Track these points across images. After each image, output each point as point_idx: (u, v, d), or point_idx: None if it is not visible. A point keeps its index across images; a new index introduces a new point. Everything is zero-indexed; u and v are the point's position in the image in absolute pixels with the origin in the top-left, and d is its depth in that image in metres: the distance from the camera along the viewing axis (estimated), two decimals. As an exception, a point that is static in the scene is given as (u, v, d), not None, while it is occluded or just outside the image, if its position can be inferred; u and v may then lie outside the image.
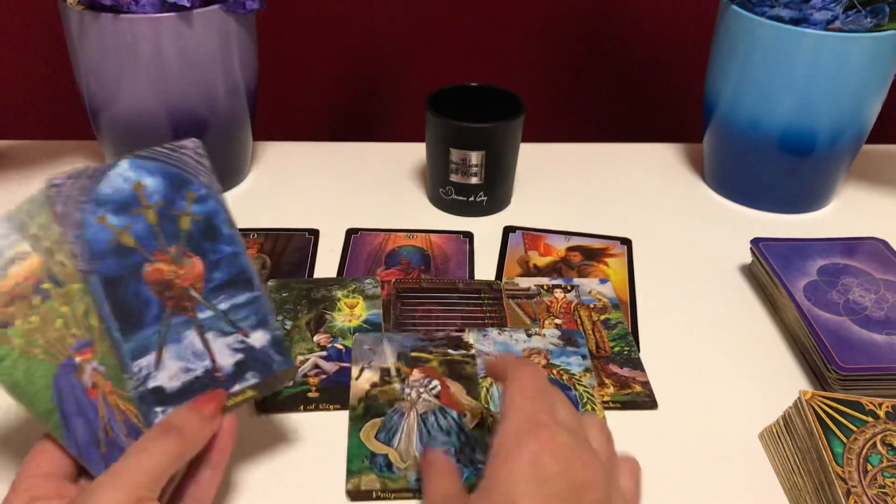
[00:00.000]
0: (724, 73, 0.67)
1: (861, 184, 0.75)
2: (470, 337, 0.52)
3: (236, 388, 0.39)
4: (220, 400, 0.38)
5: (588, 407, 0.48)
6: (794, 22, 0.61)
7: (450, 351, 0.51)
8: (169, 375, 0.38)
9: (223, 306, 0.39)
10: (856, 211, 0.71)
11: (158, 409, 0.37)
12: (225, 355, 0.39)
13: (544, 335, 0.53)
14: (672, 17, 0.92)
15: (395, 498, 0.42)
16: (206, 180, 0.39)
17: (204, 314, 0.39)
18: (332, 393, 0.48)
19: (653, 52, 0.94)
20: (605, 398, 0.49)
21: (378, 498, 0.42)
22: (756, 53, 0.63)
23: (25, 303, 0.35)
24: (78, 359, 0.36)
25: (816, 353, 0.51)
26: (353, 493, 0.42)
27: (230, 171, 0.70)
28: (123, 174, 0.38)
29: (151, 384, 0.37)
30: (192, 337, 0.38)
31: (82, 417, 0.36)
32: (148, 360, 0.37)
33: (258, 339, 0.40)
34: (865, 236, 0.61)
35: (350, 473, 0.43)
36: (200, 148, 0.40)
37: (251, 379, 0.40)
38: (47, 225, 0.36)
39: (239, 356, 0.39)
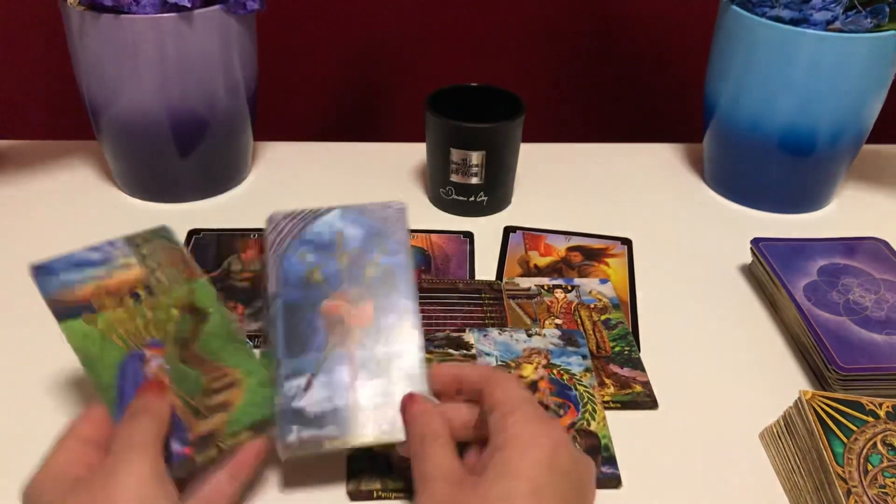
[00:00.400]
0: (724, 74, 0.67)
1: (861, 184, 0.75)
2: (470, 337, 0.52)
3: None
4: (163, 382, 0.40)
5: (588, 407, 0.48)
6: (794, 22, 0.61)
7: (450, 351, 0.51)
8: (313, 401, 0.40)
9: (381, 350, 0.42)
10: (856, 211, 0.71)
11: (293, 428, 0.40)
12: (366, 396, 0.41)
13: (545, 335, 0.53)
14: (672, 18, 0.92)
15: (395, 498, 0.42)
16: (401, 238, 0.45)
17: (363, 352, 0.42)
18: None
19: (653, 52, 0.94)
20: (606, 398, 0.49)
21: (378, 498, 0.42)
22: (756, 54, 0.63)
23: (117, 299, 0.43)
24: (148, 353, 0.41)
25: (816, 353, 0.51)
26: (353, 493, 0.42)
27: (230, 171, 0.70)
28: (331, 222, 0.45)
29: (295, 404, 0.40)
30: (344, 372, 0.41)
31: None
32: (299, 383, 0.41)
33: (400, 391, 0.41)
34: (865, 236, 0.61)
35: (350, 473, 0.43)
36: (405, 210, 0.46)
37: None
38: (157, 250, 0.45)
39: (378, 400, 0.41)
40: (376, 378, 0.41)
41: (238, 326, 0.45)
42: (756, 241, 0.60)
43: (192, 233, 0.64)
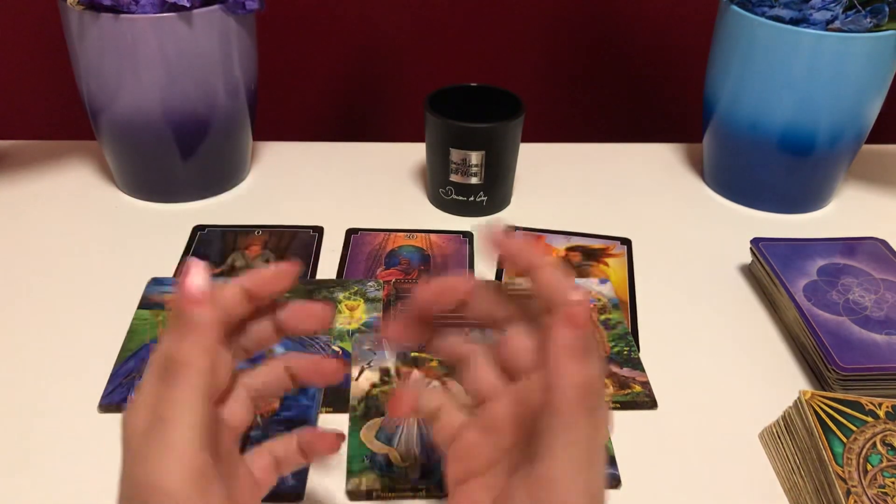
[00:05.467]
0: (724, 73, 0.67)
1: (861, 184, 0.75)
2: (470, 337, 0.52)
3: None
4: (202, 281, 0.30)
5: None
6: (794, 22, 0.61)
7: (450, 351, 0.51)
8: None
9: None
10: (856, 211, 0.71)
11: None
12: None
13: (544, 335, 0.53)
14: (672, 18, 0.92)
15: (395, 498, 0.42)
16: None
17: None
18: (331, 396, 0.48)
19: (653, 52, 0.94)
20: (605, 398, 0.49)
21: (378, 498, 0.42)
22: (756, 53, 0.63)
23: None
24: None
25: (816, 353, 0.51)
26: (353, 493, 0.42)
27: (230, 171, 0.70)
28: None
29: None
30: None
31: None
32: None
33: None
34: (865, 236, 0.61)
35: (350, 473, 0.43)
36: (334, 344, 0.52)
37: None
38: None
39: None
40: None
41: None
42: (756, 241, 0.60)
43: (197, 229, 0.64)
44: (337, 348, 0.52)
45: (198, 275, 0.30)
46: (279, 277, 0.33)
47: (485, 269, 0.61)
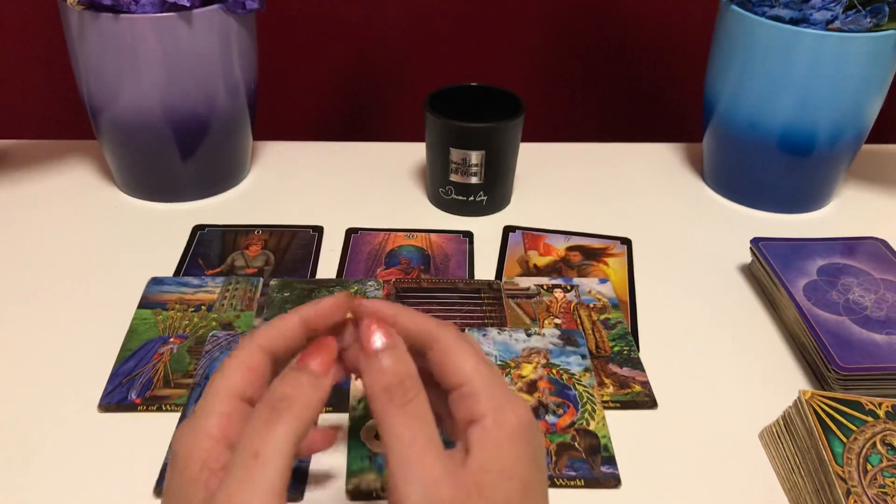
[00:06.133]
0: (723, 73, 0.67)
1: (861, 184, 0.75)
2: (470, 337, 0.52)
3: None
4: (331, 350, 0.32)
5: (588, 407, 0.48)
6: (794, 22, 0.61)
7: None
8: None
9: None
10: (856, 211, 0.71)
11: None
12: None
13: (544, 335, 0.53)
14: (672, 17, 0.92)
15: (395, 498, 0.42)
16: None
17: None
18: (331, 396, 0.48)
19: (653, 52, 0.94)
20: (605, 398, 0.49)
21: (378, 498, 0.42)
22: (756, 53, 0.63)
23: (184, 306, 0.55)
24: (172, 339, 0.52)
25: (816, 353, 0.51)
26: (353, 493, 0.42)
27: (230, 171, 0.70)
28: None
29: None
30: None
31: None
32: None
33: None
34: (865, 236, 0.61)
35: (350, 473, 0.43)
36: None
37: None
38: (240, 288, 0.57)
39: None
40: None
41: None
42: (756, 241, 0.60)
43: (197, 228, 0.64)
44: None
45: (331, 349, 0.33)
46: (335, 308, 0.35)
47: (485, 269, 0.61)
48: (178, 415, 0.47)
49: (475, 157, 0.63)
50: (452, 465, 0.29)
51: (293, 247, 0.62)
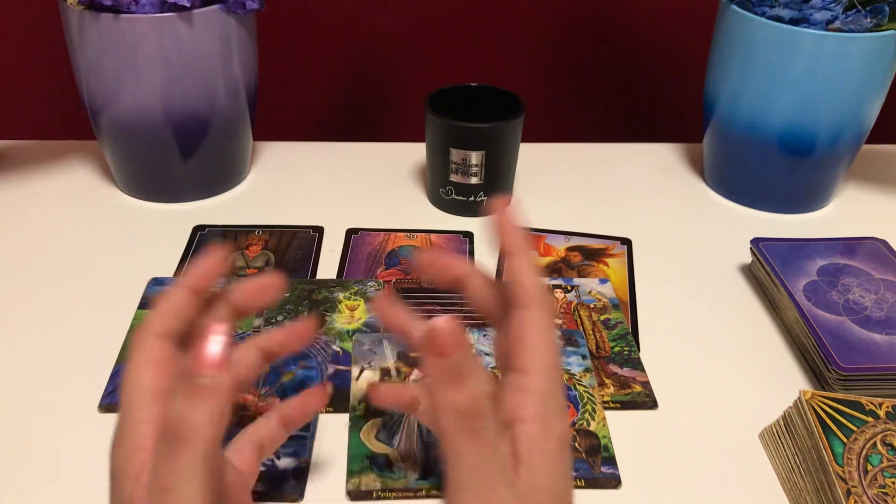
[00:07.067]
0: (723, 73, 0.67)
1: (861, 184, 0.75)
2: (470, 337, 0.52)
3: None
4: (221, 342, 0.28)
5: (588, 407, 0.48)
6: (794, 22, 0.61)
7: (450, 351, 0.51)
8: None
9: None
10: (856, 211, 0.71)
11: None
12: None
13: (544, 335, 0.53)
14: (672, 17, 0.92)
15: (395, 498, 0.42)
16: (321, 360, 0.51)
17: None
18: (331, 396, 0.48)
19: (653, 52, 0.94)
20: (605, 398, 0.49)
21: (378, 498, 0.42)
22: (756, 53, 0.63)
23: None
24: None
25: (816, 353, 0.51)
26: (353, 493, 0.42)
27: (230, 171, 0.70)
28: None
29: None
30: None
31: None
32: None
33: (284, 463, 0.44)
34: (865, 236, 0.61)
35: (350, 473, 0.43)
36: (335, 345, 0.52)
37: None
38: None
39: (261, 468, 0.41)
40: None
41: None
42: (756, 241, 0.60)
43: (197, 229, 0.64)
44: (337, 348, 0.52)
45: (218, 341, 0.28)
46: (294, 335, 0.35)
47: (485, 268, 0.61)
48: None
49: (475, 157, 0.63)
50: (509, 484, 0.28)
51: (293, 247, 0.63)
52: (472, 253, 0.63)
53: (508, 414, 0.30)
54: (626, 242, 0.65)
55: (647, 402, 0.49)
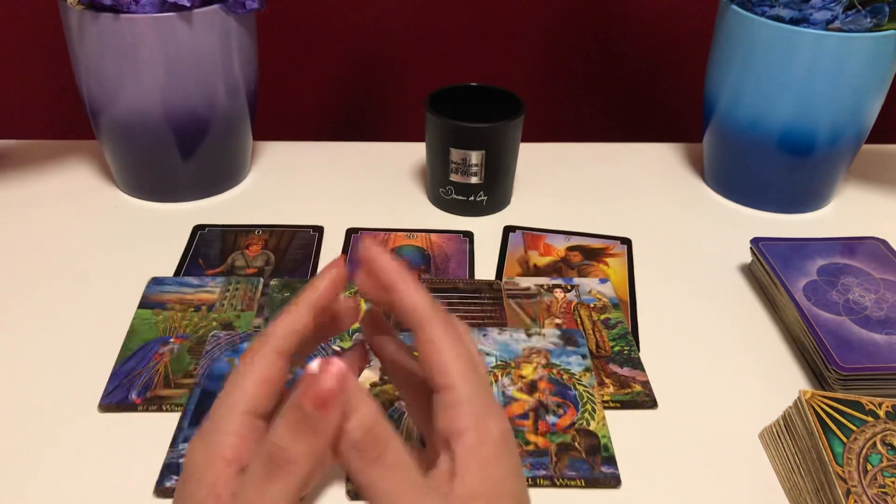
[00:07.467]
0: (723, 73, 0.67)
1: (861, 184, 0.75)
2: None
3: None
4: (335, 377, 0.27)
5: (588, 406, 0.48)
6: (794, 22, 0.61)
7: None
8: None
9: None
10: (856, 211, 0.71)
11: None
12: None
13: (544, 335, 0.53)
14: (672, 17, 0.92)
15: (395, 498, 0.42)
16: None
17: None
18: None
19: (653, 52, 0.94)
20: (605, 398, 0.49)
21: (378, 498, 0.42)
22: (756, 53, 0.63)
23: (184, 306, 0.55)
24: (172, 339, 0.52)
25: (816, 353, 0.51)
26: (353, 494, 0.42)
27: (230, 171, 0.70)
28: None
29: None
30: None
31: None
32: None
33: None
34: (865, 236, 0.61)
35: (350, 473, 0.43)
36: (334, 344, 0.52)
37: None
38: (241, 288, 0.57)
39: None
40: None
41: None
42: (756, 241, 0.60)
43: (197, 228, 0.64)
44: (337, 348, 0.52)
45: (338, 377, 0.27)
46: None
47: (485, 269, 0.61)
48: (178, 415, 0.47)
49: (475, 157, 0.63)
50: (442, 497, 0.28)
51: (293, 247, 0.63)
52: (472, 252, 0.63)
53: (445, 434, 0.30)
54: (626, 242, 0.65)
55: (646, 401, 0.49)
